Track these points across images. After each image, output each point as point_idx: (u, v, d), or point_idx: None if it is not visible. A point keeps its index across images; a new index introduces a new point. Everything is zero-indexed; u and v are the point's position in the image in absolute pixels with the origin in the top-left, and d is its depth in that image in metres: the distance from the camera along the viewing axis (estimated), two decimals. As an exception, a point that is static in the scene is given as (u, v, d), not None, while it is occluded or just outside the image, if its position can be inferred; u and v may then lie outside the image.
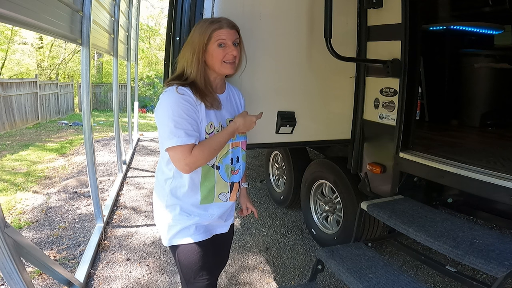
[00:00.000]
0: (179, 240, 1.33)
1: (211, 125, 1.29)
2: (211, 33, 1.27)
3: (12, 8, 1.48)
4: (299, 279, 2.47)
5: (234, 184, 1.42)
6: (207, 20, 1.32)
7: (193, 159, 1.21)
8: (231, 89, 1.48)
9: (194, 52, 1.27)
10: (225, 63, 1.29)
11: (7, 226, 1.48)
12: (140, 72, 16.48)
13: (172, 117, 1.19)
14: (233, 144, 1.38)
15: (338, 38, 1.95)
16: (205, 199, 1.35)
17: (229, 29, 1.28)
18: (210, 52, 1.28)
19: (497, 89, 3.04)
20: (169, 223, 1.34)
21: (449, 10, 3.27)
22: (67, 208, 3.64)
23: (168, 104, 1.22)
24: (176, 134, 1.19)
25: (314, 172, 2.92)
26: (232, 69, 1.32)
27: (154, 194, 1.44)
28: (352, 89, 2.27)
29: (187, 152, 1.20)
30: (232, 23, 1.32)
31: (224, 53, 1.28)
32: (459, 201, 2.28)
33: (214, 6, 1.76)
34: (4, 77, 12.87)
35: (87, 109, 2.68)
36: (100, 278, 2.43)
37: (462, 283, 1.79)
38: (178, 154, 1.21)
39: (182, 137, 1.19)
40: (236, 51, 1.29)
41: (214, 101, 1.31)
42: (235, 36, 1.30)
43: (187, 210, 1.34)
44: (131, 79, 6.79)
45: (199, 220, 1.35)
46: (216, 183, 1.36)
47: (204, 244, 1.34)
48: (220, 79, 1.38)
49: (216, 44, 1.27)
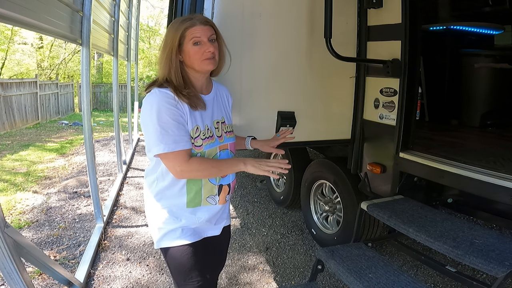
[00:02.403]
0: (167, 243, 1.31)
1: (197, 129, 1.25)
2: (183, 32, 1.22)
3: (12, 8, 1.48)
4: (299, 279, 2.47)
5: (222, 186, 1.36)
6: (179, 19, 1.28)
7: (188, 168, 1.20)
8: (219, 88, 1.43)
9: (168, 53, 1.23)
10: (204, 60, 1.24)
11: (7, 226, 1.48)
12: (140, 72, 16.49)
13: (158, 122, 1.16)
14: (221, 147, 1.34)
15: (338, 38, 1.95)
16: (191, 202, 1.31)
17: (202, 26, 1.23)
18: (187, 52, 1.23)
19: (497, 89, 3.04)
20: (157, 226, 1.33)
21: (449, 10, 3.27)
22: (67, 208, 3.64)
23: (152, 109, 1.18)
24: (163, 141, 1.16)
25: (314, 172, 2.92)
26: (212, 64, 1.26)
27: (144, 196, 1.42)
28: (352, 89, 2.27)
29: (181, 158, 1.18)
30: (205, 19, 1.27)
31: (201, 51, 1.23)
32: (459, 201, 2.28)
33: (214, 6, 1.76)
34: (4, 77, 12.88)
35: (87, 109, 2.68)
36: (100, 278, 2.43)
37: (462, 283, 1.79)
38: (170, 161, 1.19)
39: (169, 144, 1.16)
40: (212, 47, 1.24)
41: (198, 101, 1.26)
42: (210, 32, 1.25)
43: (174, 213, 1.31)
44: (131, 79, 6.80)
45: (186, 223, 1.31)
46: (203, 186, 1.31)
47: (192, 246, 1.31)
48: (204, 78, 1.32)
49: (191, 43, 1.22)
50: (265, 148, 1.57)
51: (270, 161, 1.24)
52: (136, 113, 7.94)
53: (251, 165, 1.23)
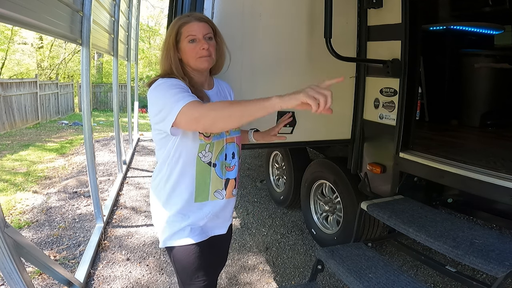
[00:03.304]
0: (174, 242, 1.31)
1: None
2: (178, 29, 1.22)
3: (12, 8, 1.48)
4: (299, 279, 2.47)
5: (229, 180, 1.37)
6: (178, 17, 1.28)
7: (204, 109, 1.08)
8: (220, 84, 1.44)
9: (166, 50, 1.24)
10: (199, 59, 1.23)
11: (7, 226, 1.48)
12: (140, 72, 16.49)
13: (169, 90, 1.14)
14: (227, 140, 1.35)
15: (338, 38, 1.95)
16: (199, 196, 1.32)
17: (197, 22, 1.23)
18: (183, 49, 1.24)
19: (497, 89, 3.05)
20: (164, 224, 1.33)
21: (449, 10, 3.28)
22: (67, 208, 3.64)
23: (160, 88, 1.18)
24: (177, 99, 1.09)
25: (314, 172, 2.92)
26: (207, 63, 1.25)
27: (150, 194, 1.42)
28: (352, 89, 2.27)
29: (193, 107, 1.08)
30: (201, 16, 1.27)
31: (196, 48, 1.22)
32: (459, 201, 2.28)
33: (214, 6, 1.76)
34: (4, 77, 12.88)
35: (87, 109, 2.68)
36: (100, 278, 2.43)
37: (462, 283, 1.79)
38: (185, 114, 1.08)
39: (186, 98, 1.09)
40: (207, 45, 1.22)
41: (202, 94, 1.27)
42: (207, 30, 1.24)
43: (182, 210, 1.31)
44: (131, 79, 6.80)
45: (194, 220, 1.32)
46: (211, 181, 1.32)
47: (199, 246, 1.31)
48: (203, 76, 1.32)
49: (187, 40, 1.22)
50: (267, 137, 1.55)
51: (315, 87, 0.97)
52: (136, 113, 7.94)
53: (308, 90, 0.97)
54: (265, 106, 1.00)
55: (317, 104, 0.95)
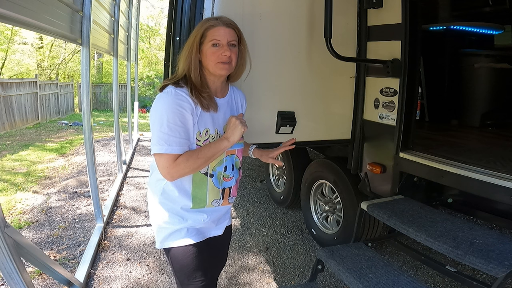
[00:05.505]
0: (171, 243, 1.31)
1: (206, 131, 1.25)
2: (204, 31, 1.22)
3: (12, 8, 1.48)
4: (299, 279, 2.47)
5: (225, 189, 1.37)
6: (206, 18, 1.29)
7: (175, 169, 1.18)
8: (235, 93, 1.42)
9: (189, 50, 1.23)
10: (219, 64, 1.22)
11: (7, 226, 1.48)
12: (140, 72, 16.49)
13: (166, 123, 1.16)
14: (228, 152, 1.34)
15: (338, 38, 1.95)
16: (196, 205, 1.32)
17: (224, 27, 1.22)
18: (204, 52, 1.23)
19: (497, 89, 3.04)
20: (161, 225, 1.33)
21: (449, 10, 3.28)
22: (67, 208, 3.64)
23: (162, 109, 1.18)
24: (167, 142, 1.16)
25: (314, 172, 2.92)
26: (226, 70, 1.24)
27: (148, 195, 1.42)
28: (352, 89, 2.27)
29: (171, 161, 1.17)
30: (229, 22, 1.25)
31: (217, 53, 1.21)
32: (459, 201, 2.28)
33: (214, 6, 1.76)
34: (4, 77, 12.87)
35: (87, 109, 2.68)
36: (100, 278, 2.43)
37: (462, 283, 1.79)
38: (163, 161, 1.18)
39: (173, 145, 1.16)
40: (229, 52, 1.21)
41: (211, 102, 1.25)
42: (233, 36, 1.24)
43: (179, 213, 1.31)
44: (131, 79, 6.79)
45: (192, 223, 1.32)
46: (208, 191, 1.32)
47: (196, 246, 1.32)
48: (219, 81, 1.31)
49: (210, 44, 1.21)
50: (264, 157, 1.55)
51: (234, 117, 1.27)
52: (136, 113, 7.94)
53: (230, 134, 1.25)
54: (223, 147, 1.25)
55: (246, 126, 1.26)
